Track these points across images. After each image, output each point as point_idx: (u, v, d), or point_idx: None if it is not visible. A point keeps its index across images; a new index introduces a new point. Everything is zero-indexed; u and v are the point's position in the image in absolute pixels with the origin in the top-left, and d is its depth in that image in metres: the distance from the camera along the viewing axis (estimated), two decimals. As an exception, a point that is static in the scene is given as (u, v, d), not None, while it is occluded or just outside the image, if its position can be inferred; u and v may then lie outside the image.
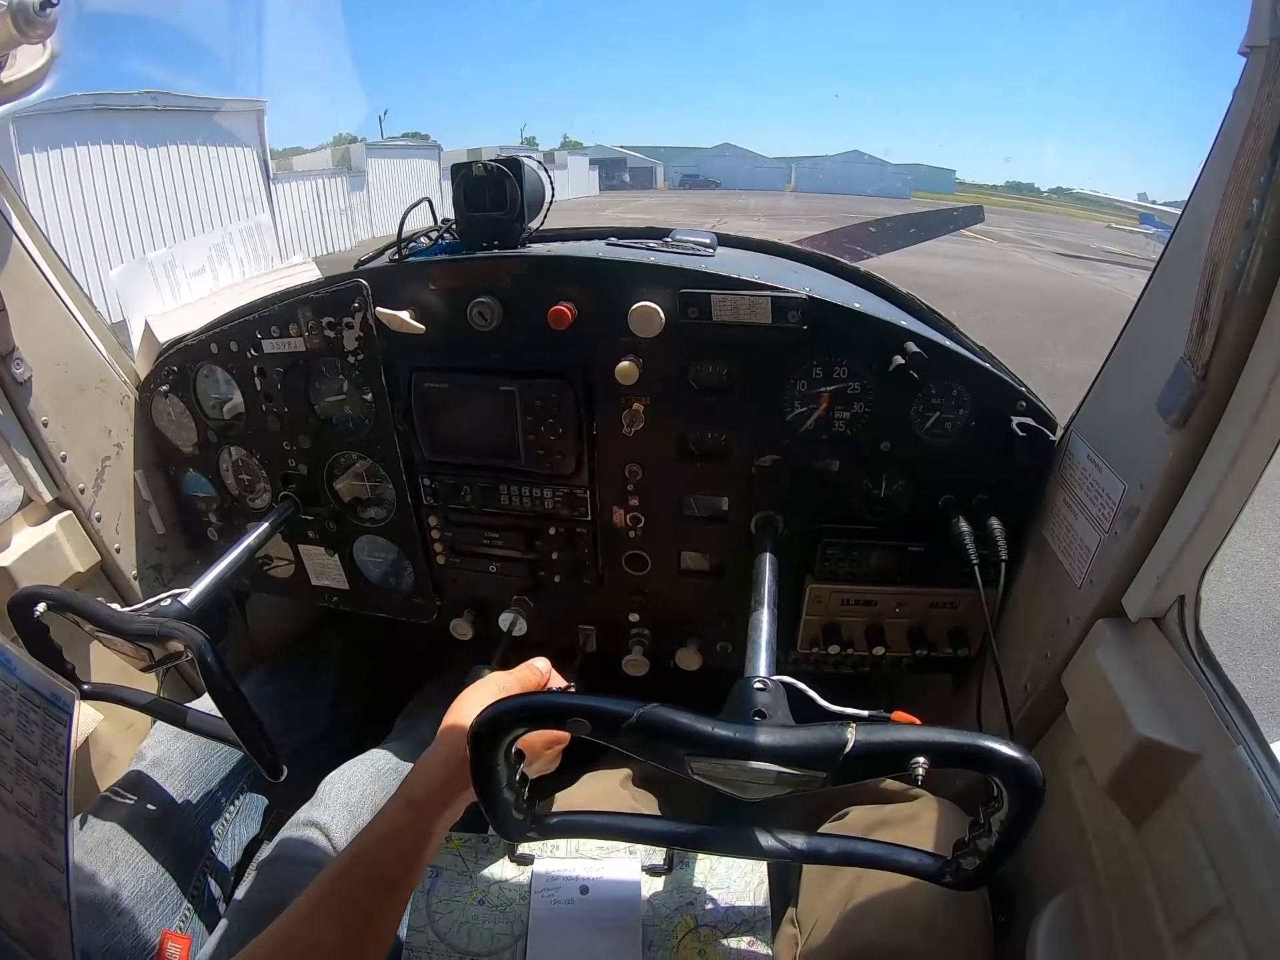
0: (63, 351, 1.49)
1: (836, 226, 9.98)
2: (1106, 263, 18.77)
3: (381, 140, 20.58)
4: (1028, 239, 23.42)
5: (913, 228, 4.94)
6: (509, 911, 1.16)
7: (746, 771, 0.80)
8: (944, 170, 55.20)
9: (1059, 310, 10.87)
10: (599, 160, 36.99)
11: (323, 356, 1.44)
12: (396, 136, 23.27)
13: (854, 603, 1.39)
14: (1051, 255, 20.10)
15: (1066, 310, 10.87)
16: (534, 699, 0.87)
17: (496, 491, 1.47)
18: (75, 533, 1.52)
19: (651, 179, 47.75)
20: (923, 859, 0.95)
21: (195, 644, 1.13)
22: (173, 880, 1.33)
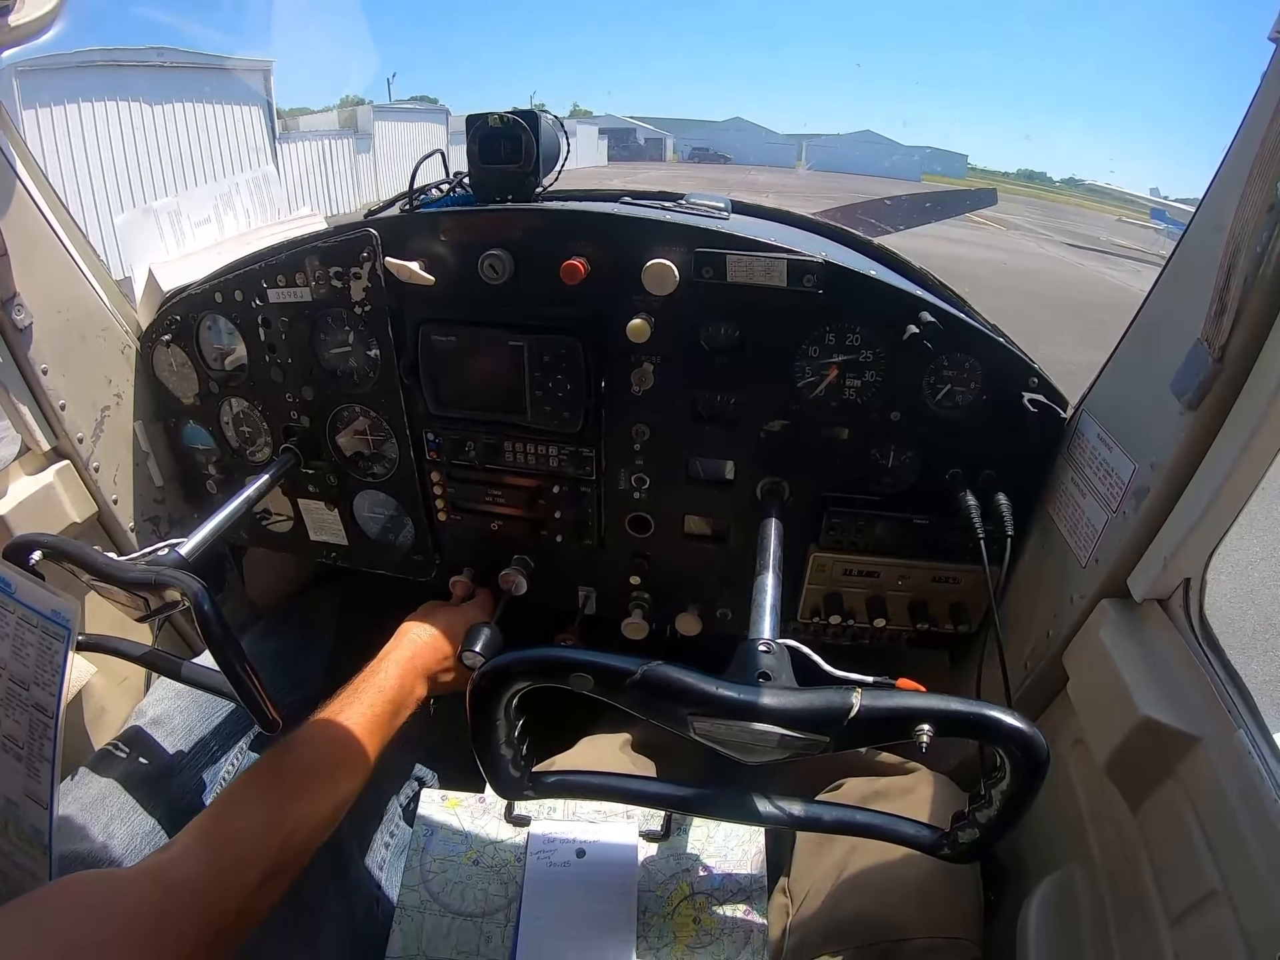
0: (64, 299, 1.46)
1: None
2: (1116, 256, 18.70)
3: (389, 103, 20.39)
4: (1038, 228, 23.30)
5: (928, 203, 4.92)
6: (503, 872, 1.16)
7: (749, 733, 0.79)
8: (956, 154, 54.83)
9: (1065, 301, 10.82)
10: (609, 130, 36.68)
11: (329, 307, 1.42)
12: (404, 99, 23.02)
13: (857, 573, 1.38)
14: (1061, 245, 19.99)
15: (1073, 301, 10.82)
16: (538, 653, 0.85)
17: (501, 448, 1.46)
18: (73, 482, 1.51)
19: (661, 151, 47.38)
20: (919, 830, 0.95)
21: (192, 592, 1.10)
22: (168, 838, 1.31)
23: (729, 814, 1.02)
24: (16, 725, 1.03)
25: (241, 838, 1.02)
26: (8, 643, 1.03)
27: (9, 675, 1.03)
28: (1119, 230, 24.64)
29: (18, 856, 1.04)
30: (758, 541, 1.24)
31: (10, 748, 1.03)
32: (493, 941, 1.10)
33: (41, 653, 1.02)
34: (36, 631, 1.02)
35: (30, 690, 1.02)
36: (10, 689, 1.03)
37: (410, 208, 1.35)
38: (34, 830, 1.02)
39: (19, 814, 1.03)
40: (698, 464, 1.42)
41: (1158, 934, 0.87)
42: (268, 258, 1.43)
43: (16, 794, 1.03)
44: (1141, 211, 29.49)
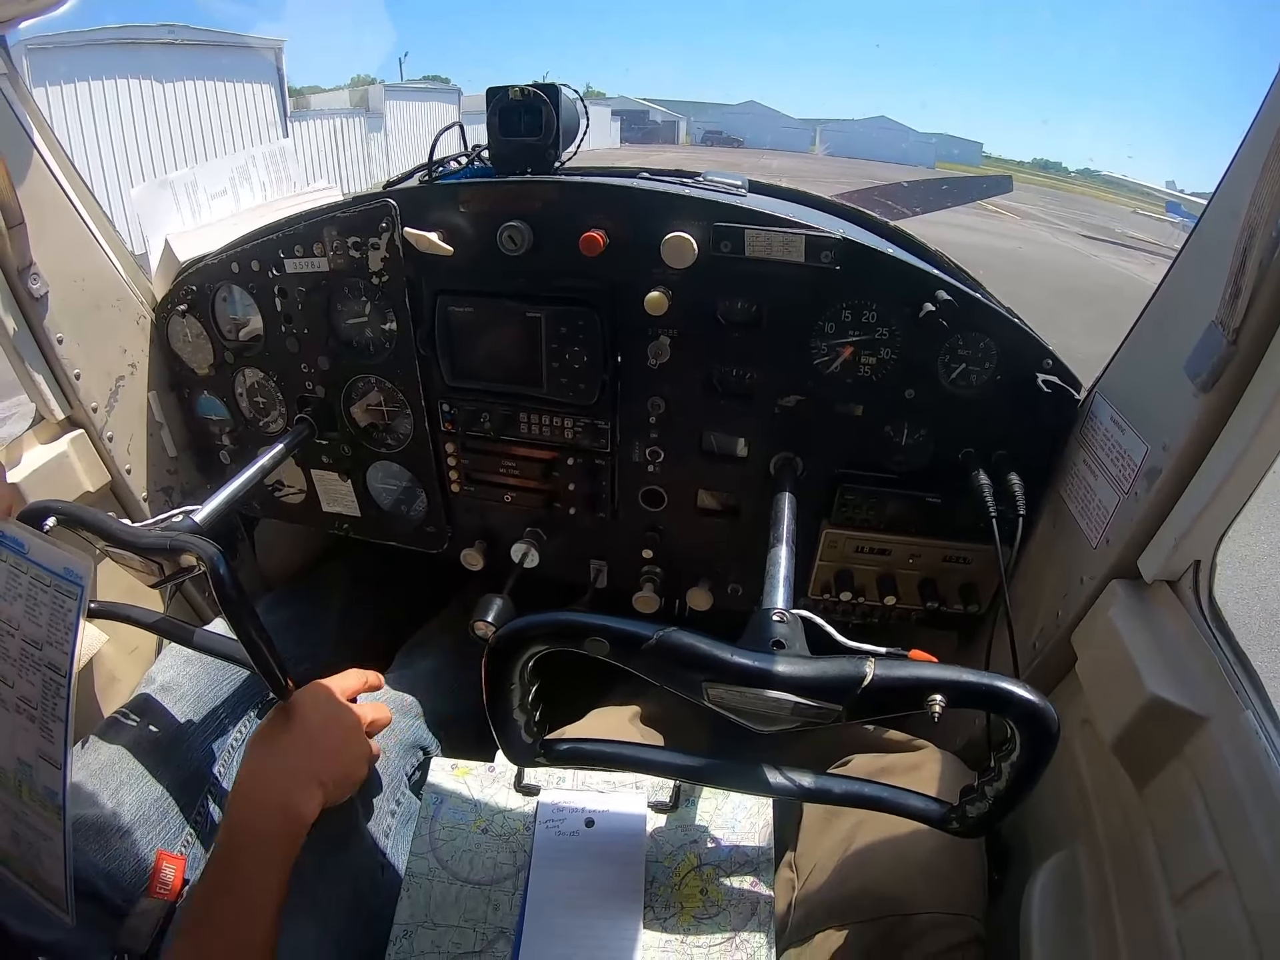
0: (80, 268, 1.47)
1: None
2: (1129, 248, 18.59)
3: (401, 82, 20.27)
4: (1052, 218, 23.13)
5: (944, 186, 4.90)
6: (512, 841, 1.16)
7: (763, 701, 0.80)
8: (971, 142, 54.41)
9: (1077, 291, 10.78)
10: (621, 111, 36.44)
11: (346, 277, 1.42)
12: (416, 79, 22.92)
13: (868, 550, 1.39)
14: (1074, 236, 19.86)
15: (1085, 292, 10.78)
16: (555, 617, 0.85)
17: (516, 419, 1.46)
18: (86, 452, 1.52)
19: (674, 133, 47.06)
20: (928, 804, 0.96)
21: (208, 556, 1.11)
22: (176, 805, 1.33)
23: (740, 785, 1.03)
24: (30, 686, 1.03)
25: None
26: (20, 604, 1.03)
27: (22, 636, 1.03)
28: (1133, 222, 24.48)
29: (31, 818, 1.04)
30: (771, 515, 1.24)
31: (24, 709, 1.03)
32: (500, 909, 1.10)
33: (55, 612, 1.01)
34: (50, 591, 1.01)
35: (44, 650, 1.02)
36: (24, 650, 1.03)
37: (429, 179, 1.36)
38: (48, 791, 1.02)
39: (32, 775, 1.03)
40: (712, 439, 1.42)
41: (1160, 913, 0.88)
42: (285, 228, 1.43)
43: (30, 755, 1.03)
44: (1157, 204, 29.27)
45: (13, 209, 1.26)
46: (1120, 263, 15.65)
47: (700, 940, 1.05)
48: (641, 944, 1.05)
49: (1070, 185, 43.62)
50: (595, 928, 1.07)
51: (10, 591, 1.04)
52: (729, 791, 1.17)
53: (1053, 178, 48.49)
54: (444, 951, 1.07)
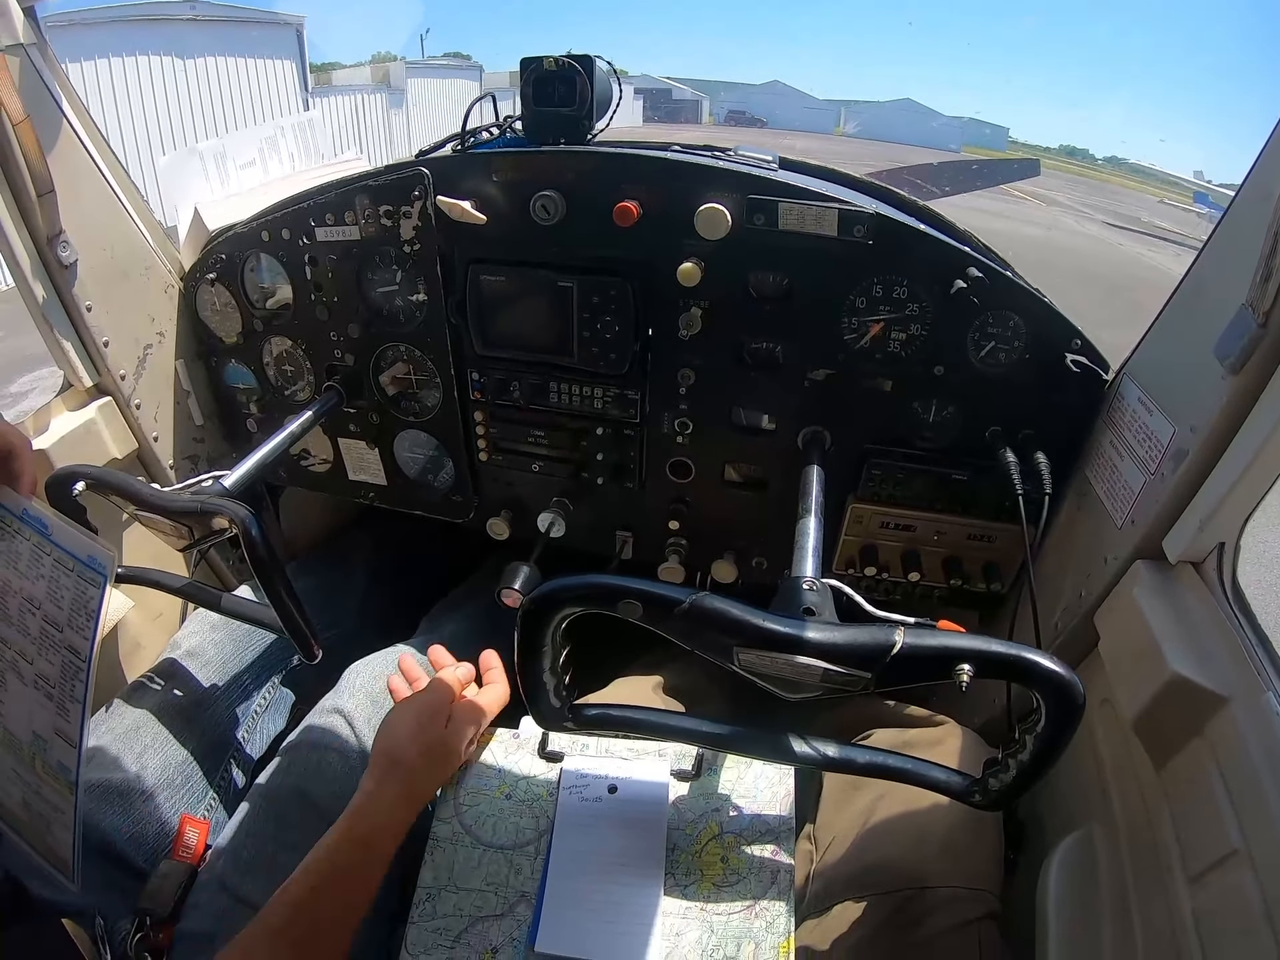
0: (109, 237, 1.48)
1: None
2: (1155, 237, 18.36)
3: (422, 59, 20.19)
4: (1078, 205, 22.86)
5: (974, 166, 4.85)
6: (535, 807, 1.17)
7: (792, 667, 0.80)
8: (997, 126, 53.60)
9: (1102, 279, 10.65)
10: (644, 90, 36.11)
11: (377, 246, 1.43)
12: (437, 56, 22.77)
13: (893, 526, 1.39)
14: (1100, 224, 19.62)
15: (1109, 280, 10.64)
16: (589, 579, 0.86)
17: (546, 389, 1.47)
18: (114, 419, 1.53)
19: (697, 113, 46.59)
20: (950, 776, 0.96)
21: (240, 518, 1.13)
22: (199, 769, 1.36)
23: (767, 753, 1.04)
24: (49, 665, 1.03)
25: None
26: (43, 584, 1.03)
27: (43, 616, 1.04)
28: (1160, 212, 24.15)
29: (43, 790, 1.05)
30: (800, 487, 1.25)
31: (42, 685, 1.03)
32: (522, 873, 1.11)
33: (76, 597, 1.02)
34: (72, 575, 1.02)
35: (64, 632, 1.02)
36: (44, 629, 1.03)
37: (462, 149, 1.36)
38: (61, 766, 1.03)
39: (46, 749, 1.04)
40: (740, 411, 1.42)
41: (1176, 892, 0.88)
42: (317, 196, 1.44)
43: (46, 731, 1.03)
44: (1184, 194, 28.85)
45: (43, 177, 1.26)
46: (1146, 252, 15.46)
47: (720, 907, 1.06)
48: (661, 910, 1.06)
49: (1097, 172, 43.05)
50: (616, 893, 1.08)
51: (33, 571, 1.04)
52: (753, 760, 1.18)
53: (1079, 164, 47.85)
54: (466, 914, 1.08)
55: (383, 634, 1.64)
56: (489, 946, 1.05)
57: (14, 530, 1.05)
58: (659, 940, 1.04)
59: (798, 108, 52.74)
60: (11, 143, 1.22)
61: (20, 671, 1.06)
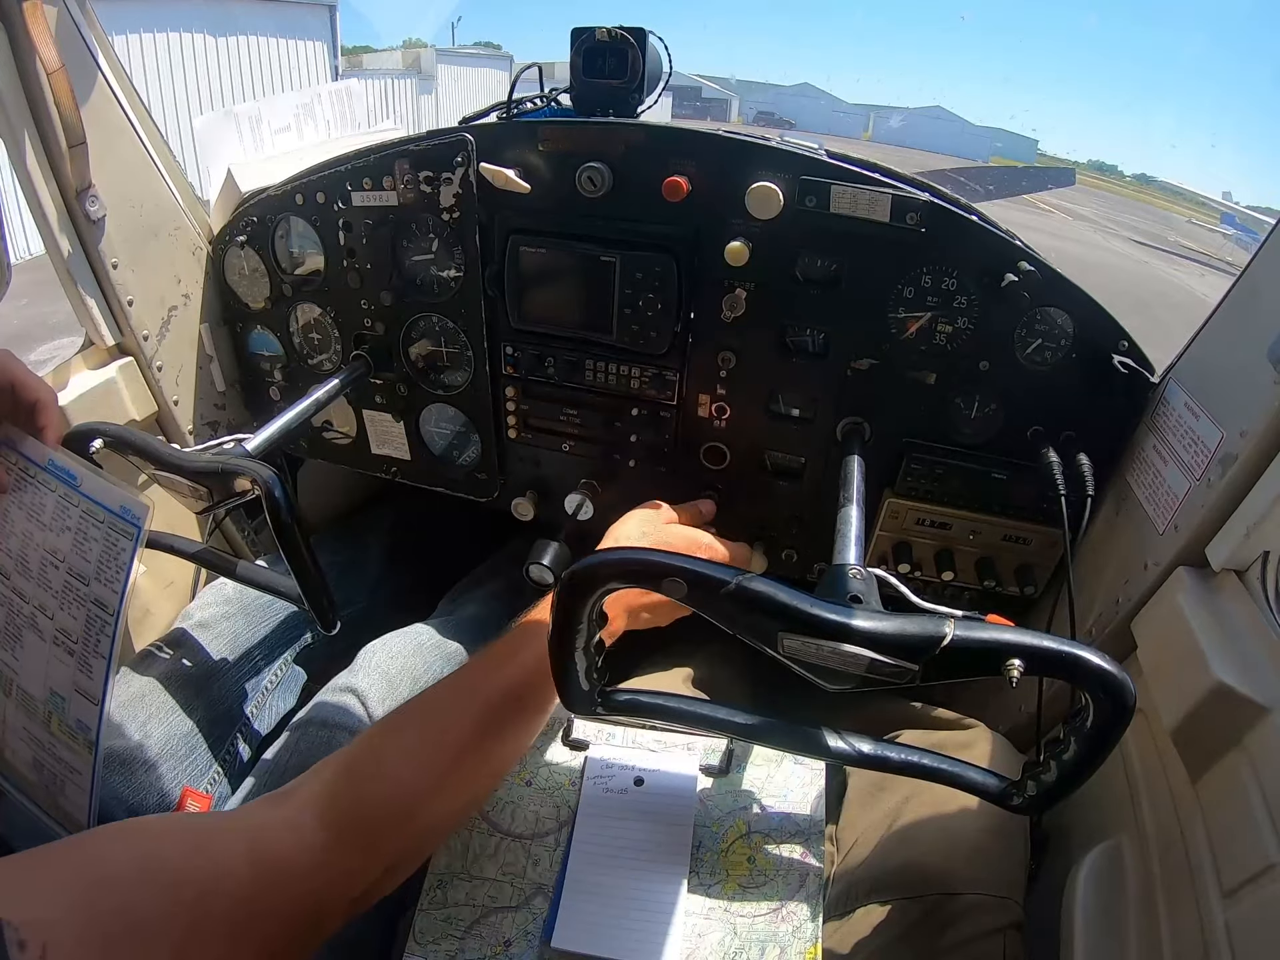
0: (139, 193, 1.46)
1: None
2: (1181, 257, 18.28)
3: (453, 47, 20.21)
4: (1104, 220, 22.78)
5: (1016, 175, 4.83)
6: (557, 795, 1.14)
7: (838, 655, 0.77)
8: (1026, 138, 53.36)
9: (1127, 296, 10.60)
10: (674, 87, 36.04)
11: (416, 212, 1.40)
12: (468, 45, 22.81)
13: (928, 524, 1.36)
14: (1126, 240, 19.55)
15: (1135, 298, 10.60)
16: (635, 554, 0.84)
17: (581, 366, 1.44)
18: (134, 379, 1.51)
19: (726, 112, 46.50)
20: (987, 778, 0.93)
21: (264, 479, 1.10)
22: (204, 742, 1.34)
23: (800, 746, 1.00)
24: (72, 620, 1.02)
25: (373, 818, 0.88)
26: (69, 536, 1.02)
27: (68, 569, 1.02)
28: (1187, 232, 24.07)
29: (59, 750, 1.04)
30: (841, 477, 1.22)
31: (63, 642, 1.02)
32: (540, 864, 1.08)
33: (107, 549, 1.00)
34: (103, 527, 1.00)
35: (90, 586, 1.01)
36: (68, 583, 1.02)
37: (507, 116, 1.34)
38: (79, 724, 1.02)
39: (65, 707, 1.03)
40: (780, 397, 1.40)
41: (1209, 906, 0.85)
42: (354, 160, 1.42)
43: (65, 688, 1.02)
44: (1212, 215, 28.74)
45: (75, 128, 1.25)
46: (1172, 271, 15.38)
47: (745, 909, 1.04)
48: (684, 909, 1.03)
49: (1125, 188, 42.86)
50: (637, 890, 1.06)
51: (58, 523, 1.03)
52: (784, 758, 1.16)
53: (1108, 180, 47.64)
54: (478, 904, 1.05)
55: (399, 614, 1.62)
56: (502, 939, 1.02)
57: (39, 481, 1.04)
58: (679, 941, 1.01)
59: (826, 111, 52.69)
60: (45, 92, 1.21)
61: (39, 627, 1.04)
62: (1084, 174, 46.54)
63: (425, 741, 0.95)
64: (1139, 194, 40.30)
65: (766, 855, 1.08)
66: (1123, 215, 25.79)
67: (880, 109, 58.95)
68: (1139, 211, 29.44)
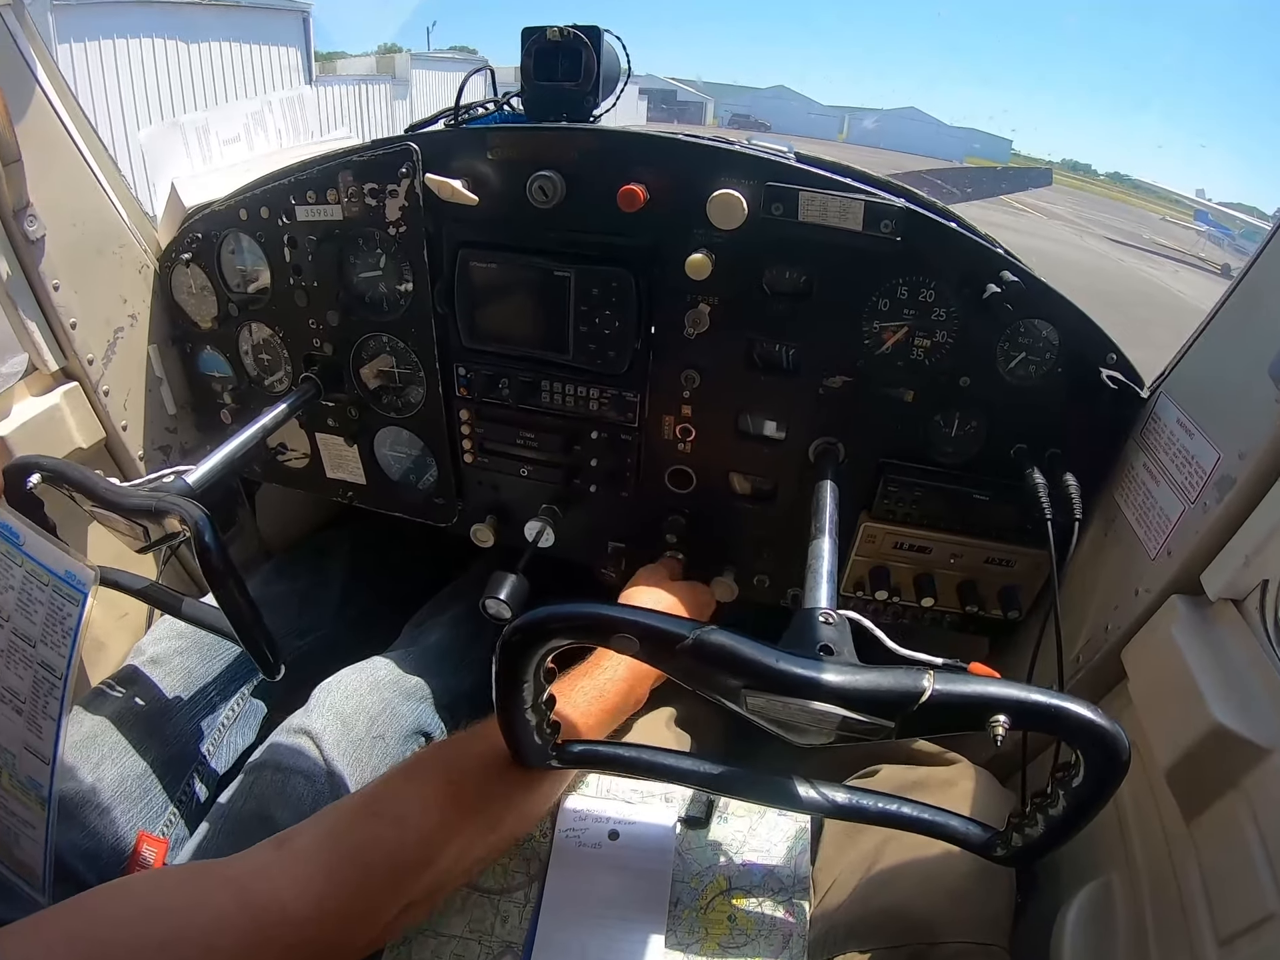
0: (81, 211, 1.40)
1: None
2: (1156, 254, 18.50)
3: (428, 51, 20.20)
4: (1078, 219, 23.02)
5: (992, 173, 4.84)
6: (527, 847, 1.08)
7: (808, 713, 0.72)
8: (1000, 138, 53.86)
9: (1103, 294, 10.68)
10: (649, 90, 36.10)
11: (361, 227, 1.34)
12: (443, 49, 22.82)
13: (907, 547, 1.31)
14: (1100, 239, 19.74)
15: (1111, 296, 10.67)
16: (579, 609, 0.77)
17: (538, 387, 1.38)
18: (80, 405, 1.46)
19: (701, 115, 46.70)
20: (969, 827, 0.89)
21: (193, 520, 1.05)
22: (159, 783, 1.29)
23: (769, 797, 0.95)
24: (18, 679, 0.99)
25: (381, 863, 0.86)
26: (13, 595, 0.99)
27: (12, 628, 1.00)
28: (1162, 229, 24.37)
29: (11, 804, 1.01)
30: (813, 504, 1.16)
31: (10, 699, 1.00)
32: (509, 921, 1.02)
33: (52, 613, 0.98)
34: (47, 590, 0.98)
35: (37, 648, 0.99)
36: (13, 642, 0.99)
37: (455, 124, 1.28)
38: (31, 781, 1.00)
39: (15, 764, 1.00)
40: (748, 418, 1.34)
41: (1204, 953, 0.81)
42: (298, 172, 1.35)
43: (14, 745, 1.00)
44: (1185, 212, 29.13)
45: (9, 145, 1.19)
46: (1147, 269, 15.53)
47: None
48: None
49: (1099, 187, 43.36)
50: (611, 949, 1.00)
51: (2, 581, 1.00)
52: (757, 805, 1.10)
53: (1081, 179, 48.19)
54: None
55: (363, 639, 1.57)
56: None
57: None
58: (656, 1004, 0.95)
59: (802, 113, 53.09)
60: (-25, 107, 1.15)
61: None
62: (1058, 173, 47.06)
63: (444, 790, 0.93)
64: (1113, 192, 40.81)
65: (748, 913, 1.02)
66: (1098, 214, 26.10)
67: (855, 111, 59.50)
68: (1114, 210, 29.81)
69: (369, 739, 1.28)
